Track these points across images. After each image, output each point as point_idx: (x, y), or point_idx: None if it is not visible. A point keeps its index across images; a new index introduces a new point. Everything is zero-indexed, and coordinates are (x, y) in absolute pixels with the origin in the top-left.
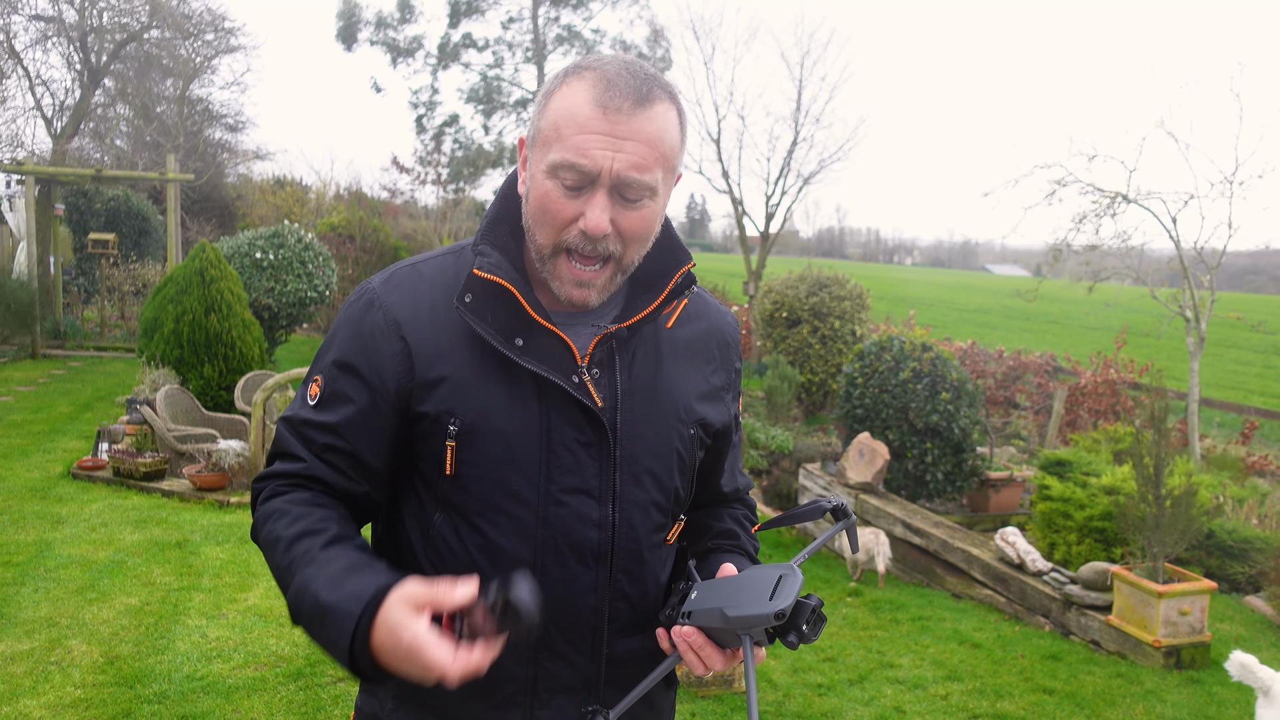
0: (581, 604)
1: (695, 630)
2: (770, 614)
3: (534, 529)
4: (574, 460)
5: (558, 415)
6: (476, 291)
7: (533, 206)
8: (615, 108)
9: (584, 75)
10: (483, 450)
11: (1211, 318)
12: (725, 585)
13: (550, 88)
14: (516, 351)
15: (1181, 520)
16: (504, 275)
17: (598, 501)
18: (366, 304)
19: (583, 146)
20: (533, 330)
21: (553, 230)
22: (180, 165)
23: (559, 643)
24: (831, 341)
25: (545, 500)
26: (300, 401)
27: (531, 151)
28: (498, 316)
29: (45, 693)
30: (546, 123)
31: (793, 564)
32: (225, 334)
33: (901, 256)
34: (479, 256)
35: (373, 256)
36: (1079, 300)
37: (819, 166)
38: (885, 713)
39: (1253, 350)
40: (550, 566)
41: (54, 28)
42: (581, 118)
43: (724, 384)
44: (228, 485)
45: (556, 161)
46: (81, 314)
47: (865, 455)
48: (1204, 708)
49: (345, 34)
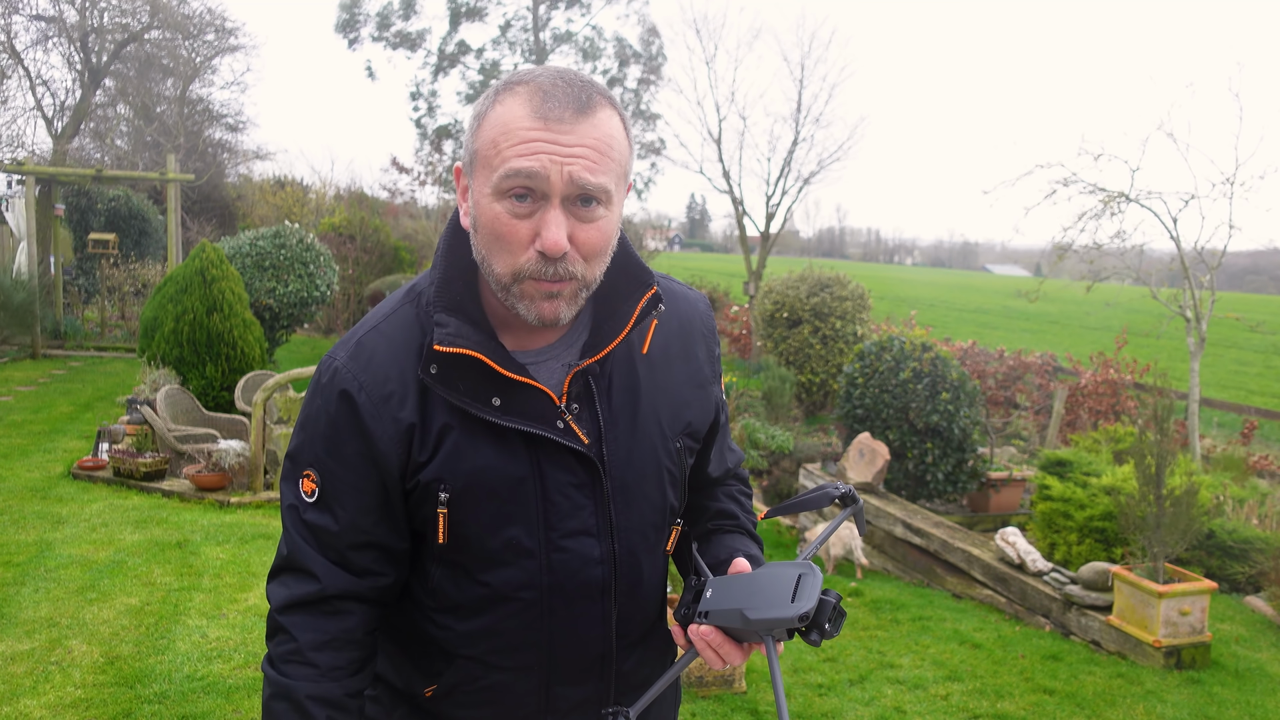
0: (589, 635)
1: (714, 629)
2: (794, 616)
3: (539, 575)
4: (570, 504)
5: (548, 463)
6: (441, 364)
7: (484, 235)
8: (556, 118)
9: (516, 90)
10: (478, 511)
11: (1212, 318)
12: (742, 584)
13: (481, 109)
14: (496, 413)
15: (1182, 520)
16: (466, 344)
17: (598, 540)
18: (341, 390)
19: (524, 154)
20: (508, 387)
21: (509, 256)
22: (180, 165)
23: (569, 671)
24: (832, 341)
25: (547, 548)
26: (295, 498)
27: (472, 179)
28: (469, 382)
29: (45, 693)
30: (483, 143)
31: (809, 562)
32: (226, 334)
33: (902, 256)
34: (437, 328)
35: (373, 256)
36: (1079, 300)
37: (819, 166)
38: (885, 713)
39: (1253, 350)
40: (558, 608)
41: (54, 28)
42: (520, 130)
43: (708, 375)
44: (228, 485)
45: (501, 175)
46: (82, 314)
47: (865, 455)
48: (1204, 708)
49: (346, 27)
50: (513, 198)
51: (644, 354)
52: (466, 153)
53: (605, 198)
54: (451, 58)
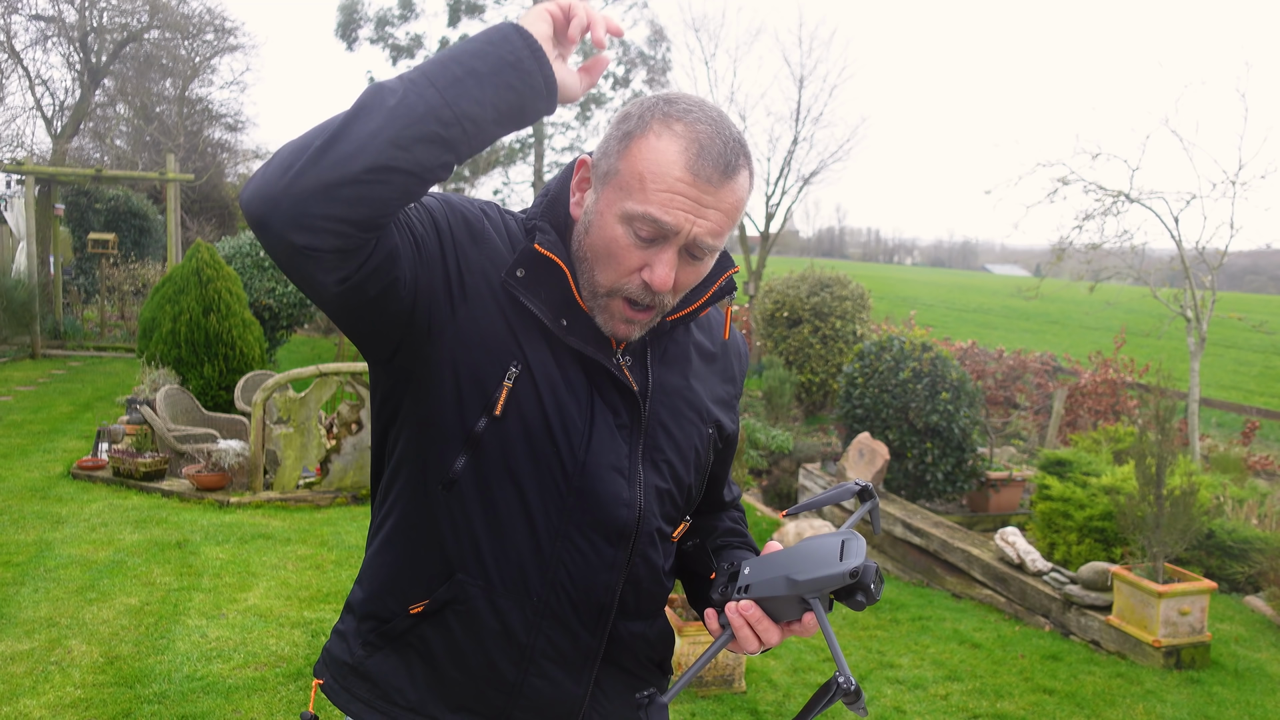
0: (597, 580)
1: (753, 604)
2: (845, 572)
3: (567, 496)
4: (611, 438)
5: (598, 394)
6: (529, 266)
7: (595, 244)
8: (705, 177)
9: (674, 128)
10: (537, 401)
11: (1212, 318)
12: (782, 557)
13: (633, 128)
14: (562, 330)
15: (1181, 520)
16: (560, 255)
17: (628, 482)
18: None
19: (668, 204)
20: (576, 313)
21: (615, 275)
22: (180, 165)
23: (567, 613)
24: (832, 341)
25: (581, 471)
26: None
27: (601, 187)
28: (549, 293)
29: (45, 693)
30: (628, 168)
31: (850, 530)
32: (225, 334)
33: (901, 256)
34: (539, 233)
35: None
36: (1079, 300)
37: (819, 166)
38: (885, 713)
39: (1253, 350)
40: (575, 537)
41: (54, 28)
42: (670, 178)
43: (735, 394)
44: (228, 485)
45: (636, 212)
46: (81, 314)
47: (865, 455)
48: (1204, 708)
49: (345, 30)
50: (638, 235)
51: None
52: (604, 159)
53: (715, 251)
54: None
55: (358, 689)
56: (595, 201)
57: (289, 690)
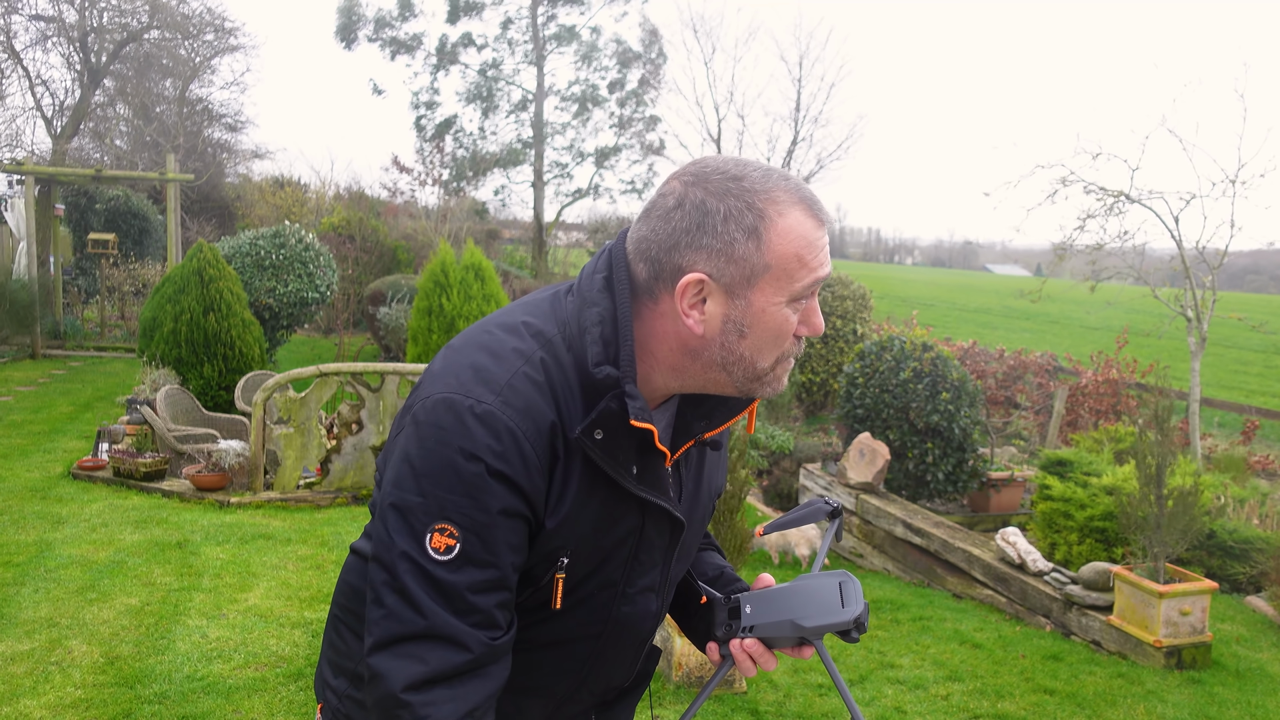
0: (619, 676)
1: (756, 642)
2: (850, 620)
3: (603, 624)
4: (650, 562)
5: (651, 525)
6: (611, 430)
7: (762, 337)
8: (824, 224)
9: (789, 202)
10: (586, 574)
11: (1213, 317)
12: (782, 599)
13: (754, 222)
14: (633, 481)
15: (1182, 520)
16: (649, 420)
17: (658, 595)
18: (499, 431)
19: (825, 261)
20: (648, 455)
21: (778, 350)
22: (180, 165)
23: (586, 699)
24: (833, 341)
25: (620, 600)
26: (420, 553)
27: (751, 289)
28: (625, 453)
29: (45, 693)
30: (778, 258)
31: (844, 571)
32: (224, 334)
33: (902, 256)
34: (630, 400)
35: (372, 257)
36: (1080, 300)
37: (819, 165)
38: (886, 713)
39: (1254, 350)
40: (607, 650)
41: (54, 28)
42: (811, 239)
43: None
44: (228, 485)
45: (808, 284)
46: (81, 314)
47: (866, 455)
48: (1205, 708)
49: (344, 31)
50: (802, 299)
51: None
52: (733, 265)
53: None
54: (451, 53)
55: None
56: (746, 305)
57: (289, 690)
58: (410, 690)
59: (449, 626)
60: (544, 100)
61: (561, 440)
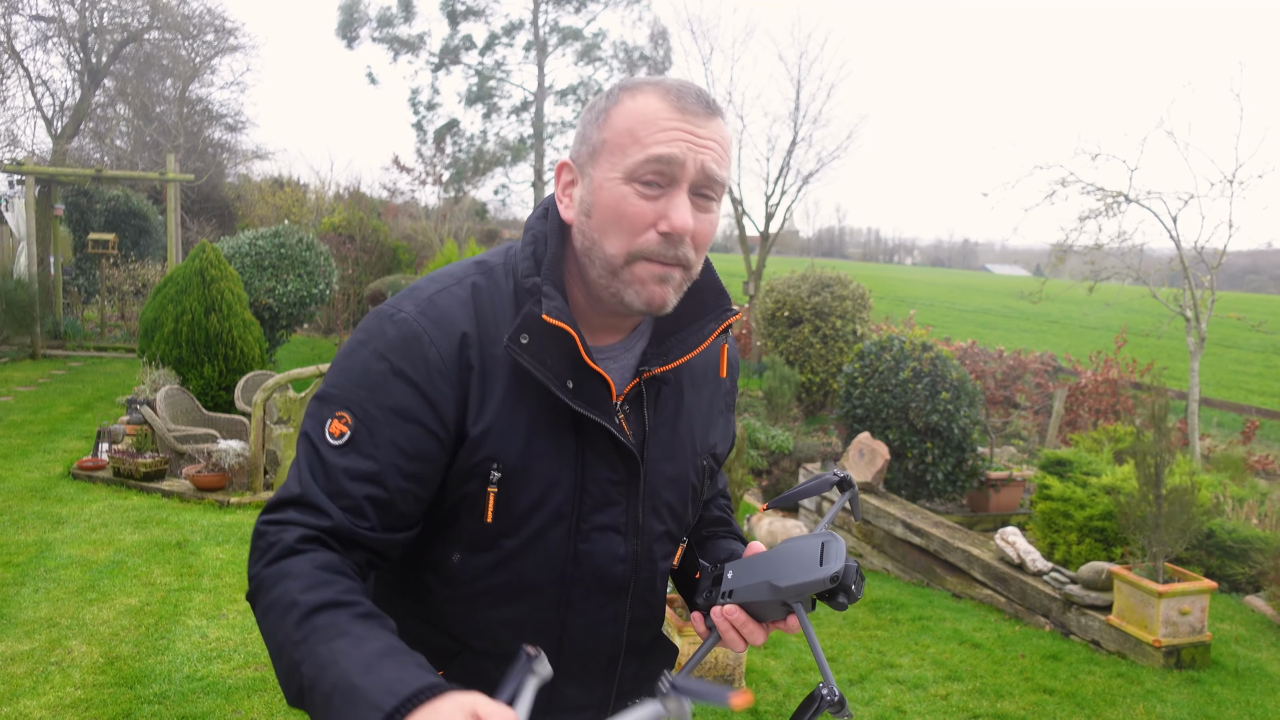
0: (602, 634)
1: (737, 608)
2: (825, 577)
3: (562, 565)
4: (604, 498)
5: (593, 454)
6: (535, 335)
7: (602, 217)
8: (692, 111)
9: (644, 89)
10: (523, 494)
11: (1212, 317)
12: (763, 561)
13: (604, 104)
14: (569, 395)
15: (1181, 520)
16: (567, 320)
17: (624, 537)
18: (411, 334)
19: (668, 140)
20: (582, 372)
21: (628, 237)
22: (180, 165)
23: (576, 669)
24: (833, 341)
25: (575, 538)
26: (319, 436)
27: (593, 165)
28: (555, 359)
29: (45, 693)
30: (614, 132)
31: (829, 530)
32: (225, 334)
33: (901, 256)
34: (545, 299)
35: (373, 256)
36: (1079, 300)
37: (818, 165)
38: (885, 713)
39: (1253, 350)
40: (576, 600)
41: (54, 28)
42: (661, 119)
43: (730, 403)
44: (228, 485)
45: (638, 160)
46: (81, 314)
47: (865, 455)
48: (1204, 707)
49: (345, 29)
50: (644, 182)
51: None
52: (584, 145)
53: (719, 194)
54: (453, 54)
55: None
56: (589, 182)
57: None
58: (266, 522)
59: (318, 498)
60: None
61: (476, 351)
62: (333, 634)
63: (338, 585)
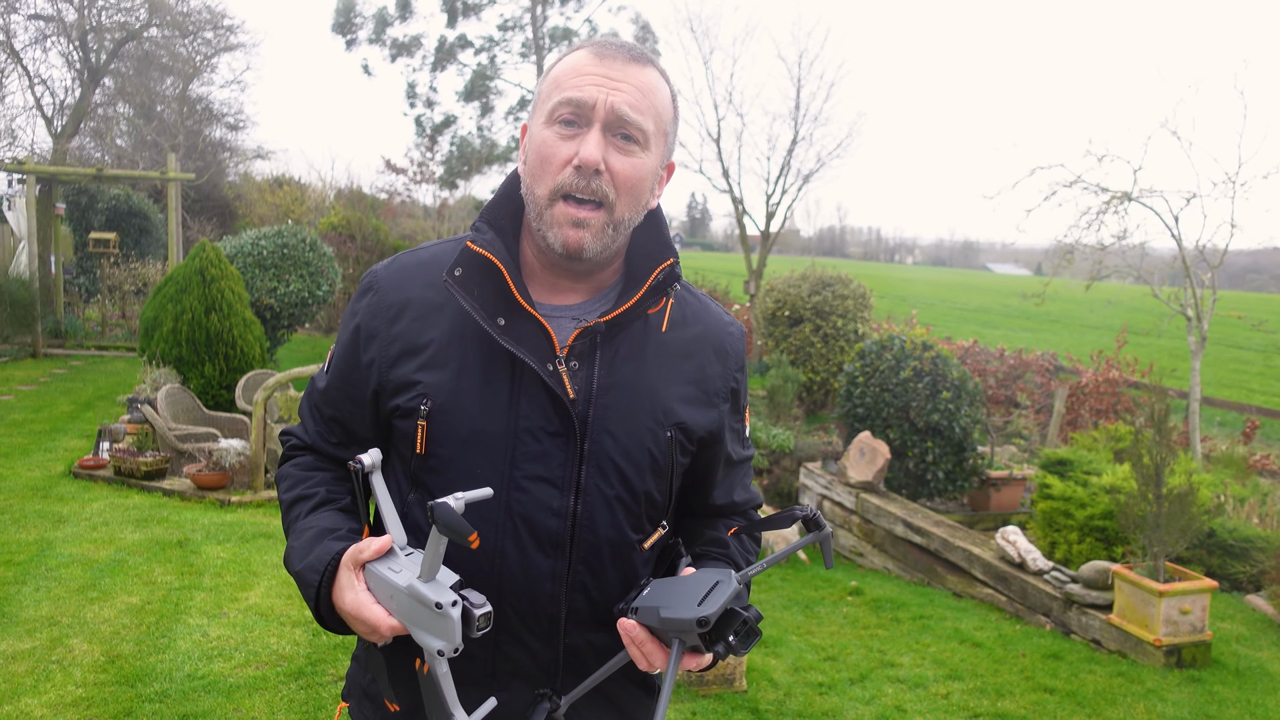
0: (539, 591)
1: (638, 625)
2: (693, 620)
3: (495, 512)
4: (539, 448)
5: (528, 402)
6: (466, 266)
7: (532, 161)
8: (610, 57)
9: (579, 47)
10: (452, 430)
11: (1213, 316)
12: (673, 585)
13: (548, 65)
14: (498, 330)
15: (1181, 519)
16: (495, 253)
17: (560, 491)
18: (367, 285)
19: (579, 84)
20: (516, 313)
21: (550, 175)
22: (181, 164)
23: (517, 627)
24: (834, 340)
25: (508, 485)
26: (321, 370)
27: (531, 120)
28: (484, 293)
29: (46, 691)
30: (545, 86)
31: (728, 570)
32: (226, 333)
33: (903, 255)
34: (475, 232)
35: (373, 256)
36: (1080, 299)
37: (819, 164)
38: (886, 712)
39: (1254, 349)
40: (509, 550)
41: (53, 27)
42: (579, 67)
43: (718, 391)
44: (229, 484)
45: (556, 102)
46: (82, 313)
47: (866, 454)
48: (1205, 707)
49: (342, 27)
50: (561, 123)
51: (661, 340)
52: (531, 106)
53: (643, 139)
54: (450, 51)
55: (368, 711)
56: (529, 135)
57: (290, 689)
58: (281, 434)
59: (304, 416)
60: None
61: (421, 296)
62: (293, 529)
63: (308, 481)
